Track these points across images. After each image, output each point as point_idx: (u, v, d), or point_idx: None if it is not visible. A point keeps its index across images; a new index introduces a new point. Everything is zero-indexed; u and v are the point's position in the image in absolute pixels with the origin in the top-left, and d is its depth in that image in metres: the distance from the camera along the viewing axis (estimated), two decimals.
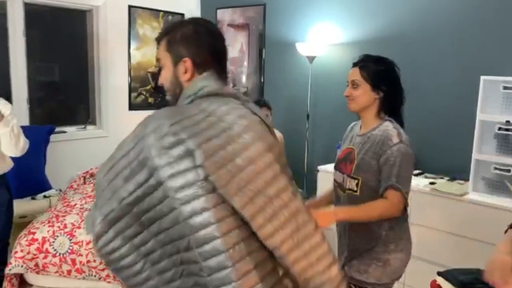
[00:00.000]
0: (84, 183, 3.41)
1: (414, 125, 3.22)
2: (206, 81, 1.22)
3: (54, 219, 2.65)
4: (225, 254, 1.05)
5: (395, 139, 1.68)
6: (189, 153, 1.05)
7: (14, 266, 2.46)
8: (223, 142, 1.07)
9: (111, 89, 4.35)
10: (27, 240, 2.51)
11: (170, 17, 4.71)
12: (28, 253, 2.47)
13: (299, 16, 4.13)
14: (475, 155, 2.79)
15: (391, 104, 1.78)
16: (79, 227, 2.58)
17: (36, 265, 2.47)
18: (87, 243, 2.50)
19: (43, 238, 2.51)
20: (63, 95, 5.02)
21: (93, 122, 4.39)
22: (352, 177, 1.77)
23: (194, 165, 1.04)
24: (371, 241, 1.78)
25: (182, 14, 4.79)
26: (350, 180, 1.78)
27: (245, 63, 4.63)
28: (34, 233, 2.53)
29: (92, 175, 3.51)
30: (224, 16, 4.72)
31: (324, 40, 3.90)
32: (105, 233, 1.17)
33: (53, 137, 3.90)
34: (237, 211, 1.06)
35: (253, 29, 4.54)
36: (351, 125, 1.98)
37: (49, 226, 2.59)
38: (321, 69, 3.95)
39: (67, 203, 2.91)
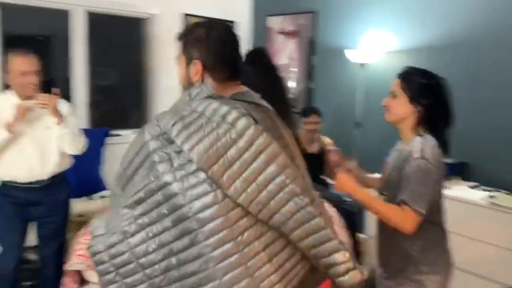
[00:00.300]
0: None
1: (471, 136, 3.14)
2: (200, 88, 1.28)
3: None
4: (234, 242, 1.15)
5: (416, 155, 1.62)
6: (188, 158, 1.16)
7: (74, 263, 2.58)
8: (212, 140, 1.15)
9: (165, 94, 4.49)
10: (85, 238, 2.63)
11: None
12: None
13: (351, 23, 4.10)
14: None
15: (431, 120, 1.70)
16: None
17: None
18: None
19: None
20: (118, 99, 5.24)
21: None
22: (380, 193, 1.78)
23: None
24: (403, 261, 1.73)
25: (233, 22, 4.88)
26: (379, 195, 1.78)
27: (294, 70, 4.65)
28: None
29: None
30: (275, 23, 4.76)
31: (376, 47, 3.85)
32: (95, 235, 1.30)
33: (108, 140, 4.08)
34: None
35: (303, 36, 4.55)
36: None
37: None
38: (372, 77, 3.90)
39: None
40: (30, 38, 6.00)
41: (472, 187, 3.13)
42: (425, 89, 1.68)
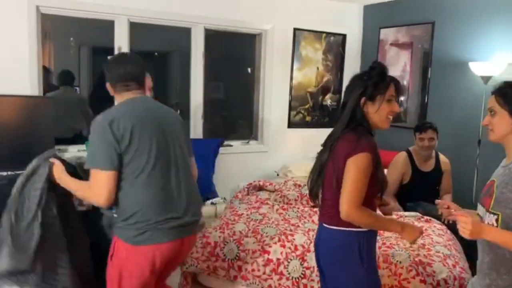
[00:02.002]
0: (248, 194, 3.64)
1: None
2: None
3: (224, 226, 2.88)
4: None
5: None
6: None
7: (190, 265, 2.74)
8: None
9: (273, 107, 4.60)
10: (201, 243, 2.77)
11: (332, 38, 4.80)
12: (202, 255, 2.72)
13: (472, 34, 3.83)
14: None
15: None
16: (246, 236, 2.76)
17: (208, 267, 2.71)
18: (253, 252, 2.66)
19: (215, 243, 2.74)
20: (228, 111, 5.48)
21: (256, 138, 4.68)
22: (491, 212, 1.63)
23: None
24: None
25: (344, 35, 4.85)
26: (489, 215, 1.63)
27: (405, 83, 4.46)
28: (207, 237, 2.79)
29: (254, 187, 3.73)
30: (388, 35, 4.63)
31: (503, 59, 3.54)
32: None
33: (220, 149, 4.27)
34: None
35: (417, 48, 4.36)
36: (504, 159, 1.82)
37: (220, 232, 2.82)
38: None
39: (234, 212, 3.14)
40: (151, 54, 6.58)
41: None
42: None
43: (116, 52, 3.82)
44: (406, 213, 3.25)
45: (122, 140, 1.82)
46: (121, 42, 3.83)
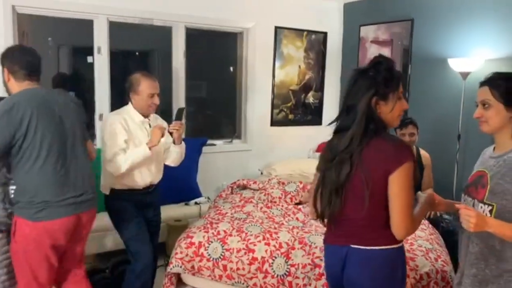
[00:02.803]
0: (232, 193, 3.64)
1: None
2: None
3: (208, 226, 2.87)
4: None
5: None
6: None
7: (174, 266, 2.72)
8: None
9: (256, 105, 4.59)
10: (185, 243, 2.75)
11: (313, 36, 4.82)
12: (186, 255, 2.71)
13: (450, 31, 3.89)
14: None
15: None
16: (230, 235, 2.76)
17: (192, 267, 2.69)
18: (238, 251, 2.65)
19: (199, 242, 2.73)
20: (210, 110, 5.44)
21: (239, 137, 4.67)
22: (484, 203, 1.62)
23: None
24: (501, 267, 1.60)
25: (325, 33, 4.87)
26: (482, 205, 1.63)
27: None
28: (191, 237, 2.77)
29: (238, 186, 3.72)
30: (368, 33, 4.67)
31: (481, 55, 3.60)
32: None
33: (203, 149, 4.25)
34: None
35: (397, 45, 4.40)
36: (485, 150, 1.82)
37: (204, 232, 2.81)
38: (475, 86, 3.64)
39: (219, 211, 3.13)
40: (132, 53, 6.49)
41: None
42: None
43: (96, 52, 3.77)
44: None
45: (20, 126, 1.98)
46: (101, 42, 3.78)
